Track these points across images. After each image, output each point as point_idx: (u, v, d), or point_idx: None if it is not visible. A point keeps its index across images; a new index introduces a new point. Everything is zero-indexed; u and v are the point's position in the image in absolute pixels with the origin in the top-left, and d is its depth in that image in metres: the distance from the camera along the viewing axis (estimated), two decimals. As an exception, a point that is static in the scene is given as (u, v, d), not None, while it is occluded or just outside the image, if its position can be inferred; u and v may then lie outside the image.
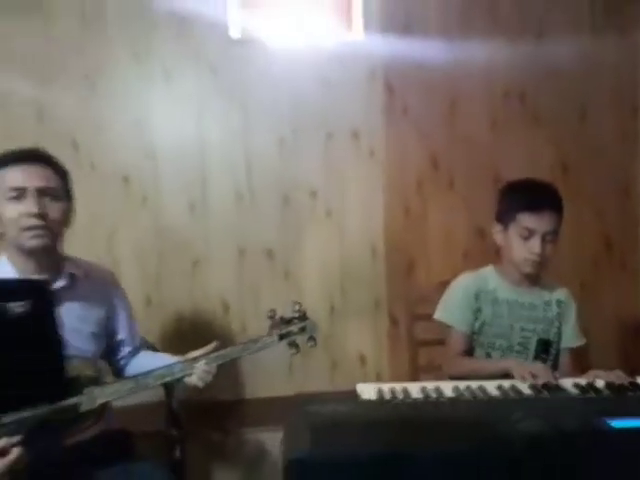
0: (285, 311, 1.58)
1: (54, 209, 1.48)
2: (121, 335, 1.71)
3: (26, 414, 1.29)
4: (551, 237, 1.66)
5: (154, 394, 1.75)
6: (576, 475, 0.99)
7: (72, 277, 1.56)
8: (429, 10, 2.62)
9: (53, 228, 1.48)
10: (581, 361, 1.87)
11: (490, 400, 1.29)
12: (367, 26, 2.61)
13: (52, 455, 1.36)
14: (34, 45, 2.46)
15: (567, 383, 1.41)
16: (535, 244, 1.64)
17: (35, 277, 1.47)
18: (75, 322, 1.54)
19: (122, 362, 1.73)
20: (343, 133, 2.62)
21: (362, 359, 2.68)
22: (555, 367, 1.71)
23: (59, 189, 1.51)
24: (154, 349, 1.88)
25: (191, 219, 2.57)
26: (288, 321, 1.56)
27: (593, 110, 2.72)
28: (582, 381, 1.42)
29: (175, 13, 2.49)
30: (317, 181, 2.62)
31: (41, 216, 1.43)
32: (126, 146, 2.52)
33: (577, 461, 1.01)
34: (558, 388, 1.39)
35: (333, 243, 2.65)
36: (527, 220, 1.64)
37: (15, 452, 1.23)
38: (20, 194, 1.44)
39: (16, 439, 1.25)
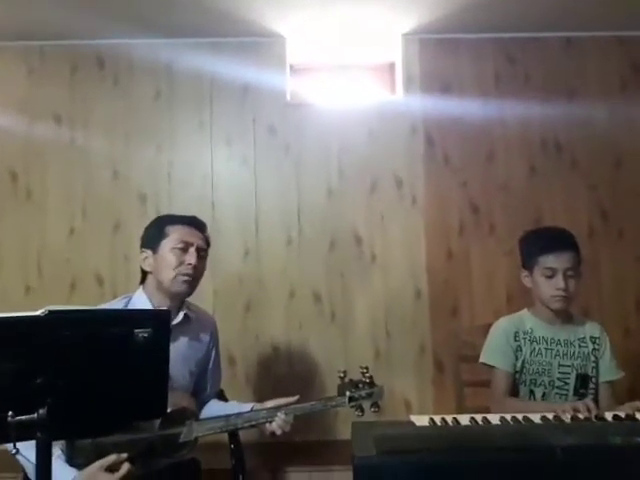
0: (355, 374, 1.62)
1: (202, 264, 1.73)
2: (209, 377, 1.86)
3: (137, 436, 1.43)
4: (572, 273, 1.79)
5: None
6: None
7: (186, 317, 1.75)
8: (464, 73, 2.82)
9: (197, 278, 1.72)
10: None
11: (533, 425, 1.41)
12: (408, 87, 2.82)
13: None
14: (113, 110, 2.78)
15: (607, 416, 1.48)
16: (559, 280, 1.77)
17: (160, 308, 1.65)
18: (179, 358, 1.67)
19: (203, 402, 1.84)
20: (387, 182, 2.79)
21: (407, 404, 2.71)
22: (596, 401, 1.75)
23: (207, 251, 1.77)
24: (224, 397, 1.98)
25: (245, 263, 2.76)
26: (356, 385, 1.61)
27: (628, 157, 2.80)
28: (621, 413, 1.49)
29: (235, 83, 2.79)
30: (362, 227, 2.78)
31: (195, 267, 1.69)
32: (189, 198, 2.77)
33: (598, 468, 1.20)
34: (598, 419, 1.46)
35: (378, 287, 2.76)
36: (548, 261, 1.79)
37: (125, 468, 1.37)
38: (186, 247, 1.69)
39: (125, 456, 1.38)
